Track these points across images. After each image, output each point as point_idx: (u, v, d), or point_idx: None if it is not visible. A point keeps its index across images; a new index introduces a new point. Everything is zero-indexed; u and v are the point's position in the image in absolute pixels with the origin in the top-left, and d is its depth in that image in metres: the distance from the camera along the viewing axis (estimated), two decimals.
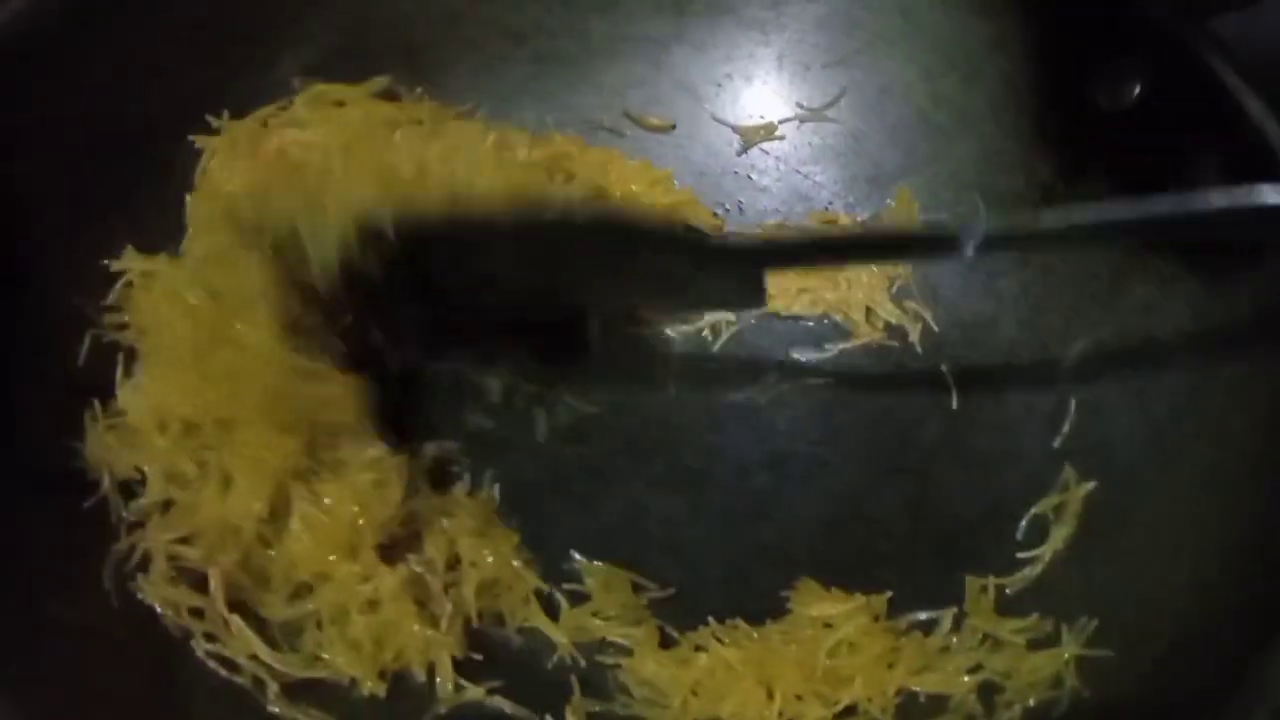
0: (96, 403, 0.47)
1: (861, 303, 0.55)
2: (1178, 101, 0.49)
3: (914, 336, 0.55)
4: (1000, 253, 0.53)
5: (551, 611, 0.48)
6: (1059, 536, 0.49)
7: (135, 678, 0.43)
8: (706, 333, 0.55)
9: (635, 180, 0.56)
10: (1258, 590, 0.42)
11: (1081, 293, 0.53)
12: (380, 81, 0.55)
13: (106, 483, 0.46)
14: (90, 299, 0.49)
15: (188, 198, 0.52)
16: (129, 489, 0.46)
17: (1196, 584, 0.44)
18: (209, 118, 0.53)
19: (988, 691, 0.45)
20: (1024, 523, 0.50)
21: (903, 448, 0.53)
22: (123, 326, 0.49)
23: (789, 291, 0.56)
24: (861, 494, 0.52)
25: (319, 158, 0.50)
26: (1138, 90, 0.50)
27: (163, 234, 0.51)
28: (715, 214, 0.57)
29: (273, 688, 0.44)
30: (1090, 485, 0.49)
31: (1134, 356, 0.51)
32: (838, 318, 0.55)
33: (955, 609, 0.48)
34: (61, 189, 0.49)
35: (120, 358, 0.49)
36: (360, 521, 0.45)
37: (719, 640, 0.47)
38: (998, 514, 0.50)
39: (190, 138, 0.52)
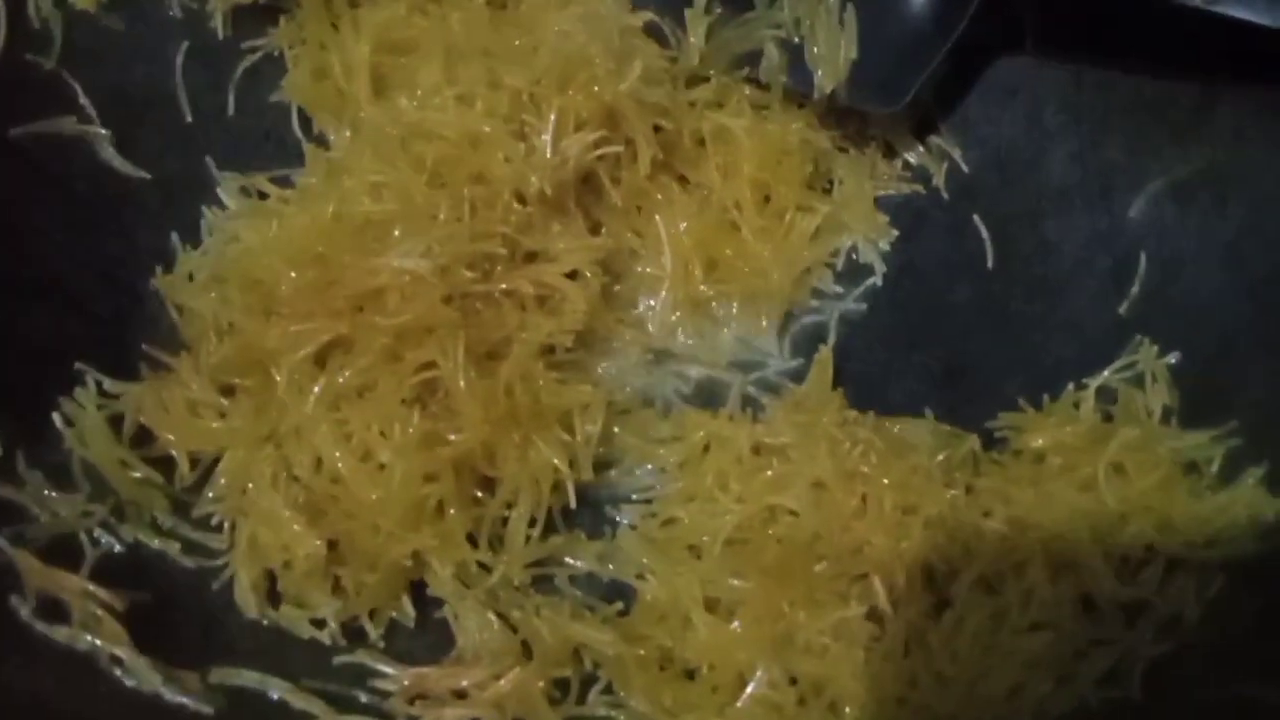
0: None
1: (879, 138, 0.45)
2: None
3: (939, 180, 0.46)
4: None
5: None
6: (1155, 404, 0.41)
7: None
8: None
9: None
10: None
11: (1152, 122, 0.44)
12: None
13: None
14: None
15: None
16: None
17: None
18: None
19: None
20: (1090, 393, 0.41)
21: (928, 315, 0.45)
22: None
23: None
24: (880, 371, 0.44)
25: None
26: None
27: None
28: None
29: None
30: (1173, 357, 0.41)
31: (1222, 200, 0.42)
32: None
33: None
34: None
35: None
36: None
37: None
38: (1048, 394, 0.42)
39: None
